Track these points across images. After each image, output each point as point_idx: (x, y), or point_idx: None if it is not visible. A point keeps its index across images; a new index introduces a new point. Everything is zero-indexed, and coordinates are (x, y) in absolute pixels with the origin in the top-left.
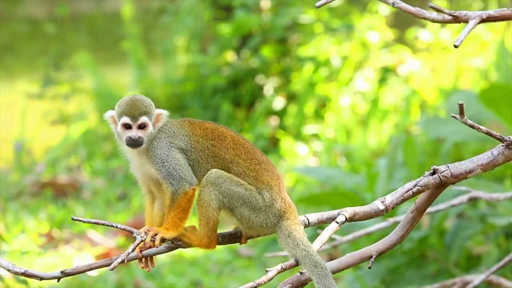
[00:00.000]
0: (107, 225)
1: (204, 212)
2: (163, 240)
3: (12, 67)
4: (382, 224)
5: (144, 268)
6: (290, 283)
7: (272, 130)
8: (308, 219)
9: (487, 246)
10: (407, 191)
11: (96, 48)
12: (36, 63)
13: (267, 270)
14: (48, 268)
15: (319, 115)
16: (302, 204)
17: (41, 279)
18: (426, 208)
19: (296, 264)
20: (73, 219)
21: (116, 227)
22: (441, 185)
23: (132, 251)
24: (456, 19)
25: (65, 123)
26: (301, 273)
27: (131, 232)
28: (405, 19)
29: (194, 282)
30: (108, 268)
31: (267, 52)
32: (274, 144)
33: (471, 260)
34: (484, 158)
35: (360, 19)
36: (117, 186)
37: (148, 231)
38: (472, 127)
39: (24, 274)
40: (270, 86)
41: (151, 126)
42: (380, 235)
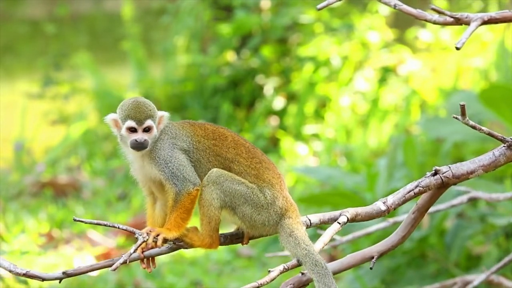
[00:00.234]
0: (108, 225)
1: (206, 211)
2: (165, 240)
3: (12, 67)
4: (382, 224)
5: (146, 268)
6: (291, 284)
7: (272, 130)
8: (310, 220)
9: (487, 246)
10: (408, 192)
11: (96, 48)
12: (36, 63)
13: (269, 270)
14: (49, 268)
15: (319, 115)
16: (302, 204)
17: (42, 280)
18: (427, 209)
19: (298, 264)
20: (75, 220)
21: (118, 227)
22: (442, 185)
23: (134, 252)
24: (458, 21)
25: (65, 123)
26: (302, 273)
27: (133, 232)
28: (405, 19)
29: (194, 282)
30: (110, 269)
31: (267, 52)
32: (274, 144)
33: (471, 260)
34: (485, 158)
35: (360, 19)
36: (117, 186)
37: (150, 231)
38: (474, 128)
39: (26, 275)
40: (270, 86)
41: (155, 129)
42: (380, 236)
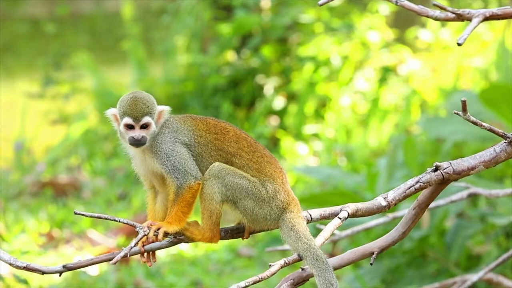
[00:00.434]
0: (109, 219)
1: (207, 205)
2: (166, 234)
3: (12, 67)
4: (381, 220)
5: (146, 262)
6: (291, 279)
7: (272, 129)
8: (311, 215)
9: (487, 246)
10: (409, 188)
11: (96, 48)
12: (36, 63)
13: (270, 265)
14: None
15: (319, 114)
16: (302, 204)
17: (43, 273)
18: (428, 205)
19: (299, 259)
20: (75, 213)
21: (118, 221)
22: (443, 181)
23: (134, 245)
24: (460, 17)
25: (65, 123)
26: (302, 269)
27: (134, 226)
28: (405, 19)
29: (194, 282)
30: (110, 262)
31: (267, 51)
32: (274, 143)
33: (471, 259)
34: (486, 154)
35: (360, 19)
36: (117, 186)
37: (151, 225)
38: (475, 123)
39: (26, 268)
40: (270, 85)
41: (153, 125)
42: (380, 231)
